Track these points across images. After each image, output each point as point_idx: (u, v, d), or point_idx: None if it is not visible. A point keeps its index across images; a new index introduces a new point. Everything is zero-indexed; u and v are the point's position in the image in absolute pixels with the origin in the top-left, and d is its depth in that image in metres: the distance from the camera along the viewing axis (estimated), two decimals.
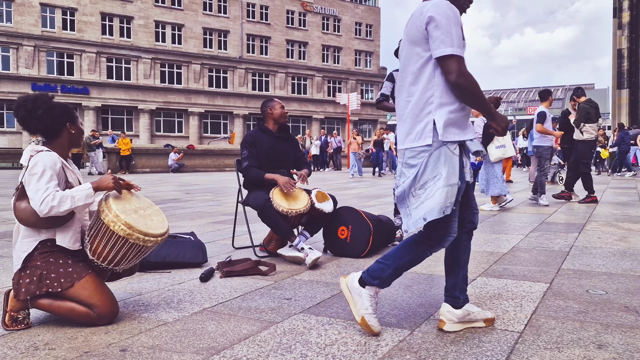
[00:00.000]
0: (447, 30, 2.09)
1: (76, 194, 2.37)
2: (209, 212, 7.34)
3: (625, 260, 3.82)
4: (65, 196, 2.34)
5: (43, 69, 34.68)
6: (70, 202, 2.35)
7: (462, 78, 2.10)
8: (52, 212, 2.33)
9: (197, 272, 3.52)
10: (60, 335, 2.32)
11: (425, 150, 2.19)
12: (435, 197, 2.13)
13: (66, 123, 2.56)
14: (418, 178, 2.20)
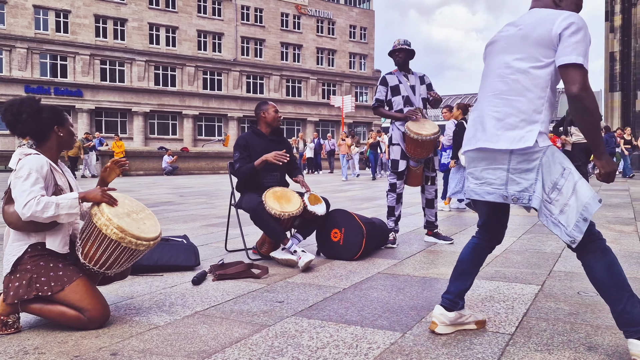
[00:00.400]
0: (583, 40, 2.00)
1: (61, 202, 2.36)
2: (203, 214, 7.33)
3: None
4: (50, 202, 2.32)
5: (36, 71, 34.53)
6: (55, 209, 2.32)
7: (584, 92, 1.96)
8: (34, 218, 2.31)
9: (189, 275, 3.51)
10: (51, 340, 2.30)
11: (538, 150, 2.05)
12: (582, 191, 1.97)
13: (54, 126, 2.54)
14: (544, 182, 2.04)
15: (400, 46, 4.68)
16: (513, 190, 2.10)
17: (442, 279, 3.37)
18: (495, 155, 2.14)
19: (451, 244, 4.67)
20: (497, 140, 2.12)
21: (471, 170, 2.26)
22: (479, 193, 2.20)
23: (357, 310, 2.72)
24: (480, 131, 2.21)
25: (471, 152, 2.26)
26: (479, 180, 2.20)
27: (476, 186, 2.21)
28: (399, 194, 4.70)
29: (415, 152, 4.47)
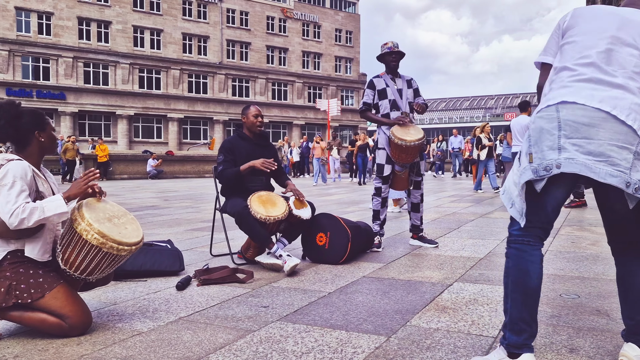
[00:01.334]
0: None
1: (46, 205, 2.32)
2: (188, 219, 7.28)
3: (597, 264, 3.90)
4: (34, 207, 2.29)
5: (18, 73, 34.05)
6: (39, 213, 2.29)
7: None
8: (23, 225, 2.28)
9: (173, 281, 3.48)
10: (31, 347, 2.27)
11: None
12: None
13: (34, 131, 2.50)
14: None
15: (395, 49, 4.67)
16: (636, 177, 1.72)
17: (427, 282, 3.39)
18: (627, 131, 1.72)
19: (436, 247, 4.69)
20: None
21: (579, 142, 1.72)
22: (595, 171, 1.70)
23: (342, 314, 2.72)
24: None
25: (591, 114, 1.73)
26: (598, 156, 1.70)
27: (590, 160, 1.71)
28: (384, 198, 4.71)
29: (400, 157, 4.48)
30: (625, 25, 1.85)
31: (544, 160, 1.76)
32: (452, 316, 2.66)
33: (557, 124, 1.75)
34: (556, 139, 1.74)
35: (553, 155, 1.74)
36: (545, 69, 2.00)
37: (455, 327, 2.48)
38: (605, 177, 1.69)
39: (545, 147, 1.76)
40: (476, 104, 66.53)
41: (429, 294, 3.11)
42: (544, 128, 1.78)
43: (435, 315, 2.68)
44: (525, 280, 1.83)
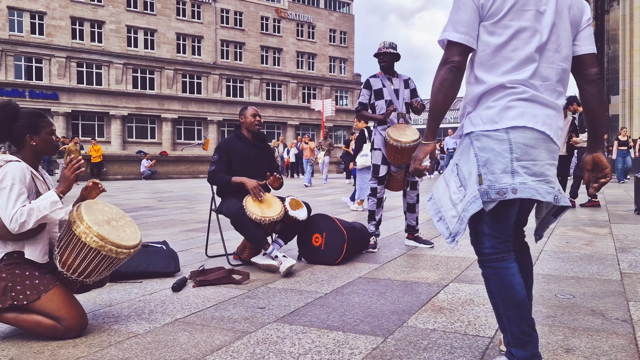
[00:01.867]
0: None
1: (40, 203, 2.31)
2: (182, 219, 7.26)
3: (592, 264, 3.92)
4: (31, 209, 2.28)
5: (10, 73, 33.84)
6: (36, 213, 2.28)
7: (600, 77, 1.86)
8: (24, 228, 2.27)
9: (169, 282, 3.47)
10: (26, 350, 2.25)
11: None
12: None
13: (26, 135, 2.46)
14: None
15: (385, 49, 4.67)
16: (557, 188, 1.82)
17: (423, 283, 3.39)
18: (556, 149, 1.84)
19: (432, 248, 4.70)
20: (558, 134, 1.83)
21: (526, 164, 1.75)
22: (540, 192, 1.75)
23: (339, 315, 2.72)
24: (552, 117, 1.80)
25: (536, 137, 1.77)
26: (539, 177, 1.77)
27: (535, 183, 1.75)
28: (379, 199, 4.72)
29: (396, 159, 4.48)
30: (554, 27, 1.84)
31: (496, 184, 1.74)
32: (448, 317, 2.67)
33: (508, 147, 1.75)
34: (509, 162, 1.74)
35: (507, 180, 1.74)
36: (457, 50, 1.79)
37: (451, 328, 2.49)
38: (545, 195, 1.76)
39: (497, 169, 1.74)
40: None
41: (425, 294, 3.12)
42: (495, 149, 1.75)
43: (432, 316, 2.68)
44: (514, 295, 1.80)
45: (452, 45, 1.79)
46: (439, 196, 1.89)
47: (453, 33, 1.78)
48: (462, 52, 1.79)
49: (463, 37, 1.77)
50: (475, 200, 1.75)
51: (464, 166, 1.82)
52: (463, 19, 1.78)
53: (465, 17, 1.78)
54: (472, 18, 1.78)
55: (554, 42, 1.80)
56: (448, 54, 1.79)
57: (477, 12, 1.78)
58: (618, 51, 25.09)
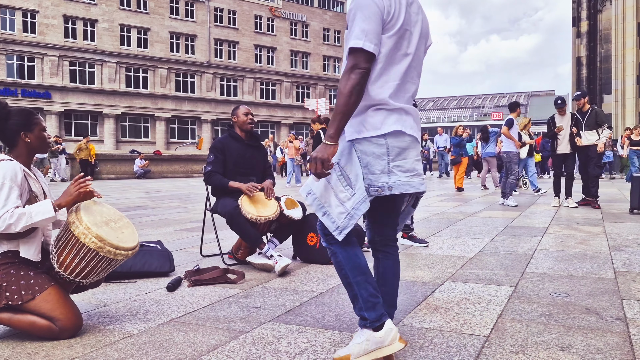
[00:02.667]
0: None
1: (34, 210, 2.29)
2: (177, 219, 7.24)
3: (586, 263, 3.94)
4: (22, 213, 2.26)
5: (2, 72, 33.61)
6: (26, 219, 2.26)
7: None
8: (10, 230, 2.26)
9: (164, 282, 3.46)
10: (20, 350, 2.24)
11: None
12: None
13: (20, 132, 2.46)
14: None
15: None
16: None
17: (418, 282, 3.40)
18: (419, 147, 2.12)
19: (426, 247, 4.71)
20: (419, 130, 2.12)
21: (400, 163, 2.00)
22: (413, 185, 2.02)
23: (335, 314, 2.72)
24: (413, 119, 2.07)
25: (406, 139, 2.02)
26: (411, 172, 2.02)
27: (409, 179, 2.01)
28: None
29: None
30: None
31: (375, 183, 1.96)
32: (443, 316, 2.68)
33: (386, 150, 1.97)
34: (386, 163, 1.97)
35: (385, 179, 1.97)
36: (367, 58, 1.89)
37: (447, 327, 2.49)
38: (419, 187, 2.04)
39: (377, 170, 1.96)
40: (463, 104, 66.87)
41: (420, 293, 3.13)
42: (375, 153, 1.96)
43: (427, 315, 2.69)
44: (358, 262, 2.03)
45: (363, 53, 1.88)
46: (321, 193, 2.05)
47: (368, 43, 1.88)
48: (370, 59, 1.90)
49: (375, 47, 1.89)
50: (365, 201, 1.95)
51: (350, 168, 1.99)
52: (374, 30, 1.89)
53: (376, 27, 1.89)
54: (379, 29, 1.91)
55: (416, 60, 2.05)
56: (358, 60, 1.88)
57: (382, 24, 1.91)
58: (611, 50, 25.24)
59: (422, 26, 2.05)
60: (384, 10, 1.90)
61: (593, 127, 7.95)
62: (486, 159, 12.50)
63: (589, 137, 7.97)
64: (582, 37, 27.01)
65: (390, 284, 2.19)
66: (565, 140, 8.08)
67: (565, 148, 8.09)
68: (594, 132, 7.96)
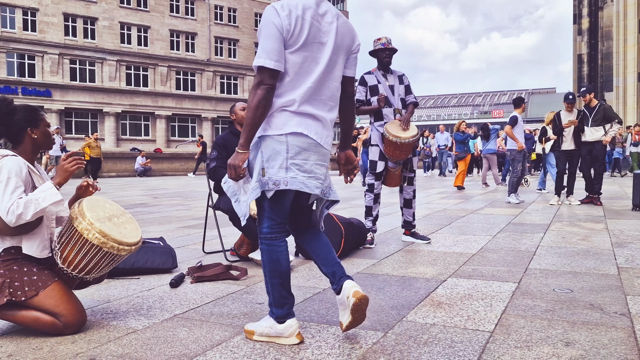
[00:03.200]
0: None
1: (39, 196, 2.28)
2: (178, 216, 7.23)
3: (589, 259, 3.94)
4: (29, 201, 2.25)
5: (3, 70, 33.59)
6: (35, 205, 2.26)
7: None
8: (21, 220, 2.25)
9: (166, 278, 3.46)
10: (25, 346, 2.24)
11: None
12: None
13: (27, 128, 2.46)
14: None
15: (389, 45, 4.66)
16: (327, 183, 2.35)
17: (421, 278, 3.40)
18: (326, 153, 2.30)
19: (428, 244, 4.71)
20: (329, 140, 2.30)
21: (299, 162, 2.18)
22: (308, 186, 2.19)
23: (338, 310, 2.71)
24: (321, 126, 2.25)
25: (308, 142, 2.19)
26: (310, 173, 2.21)
27: (305, 179, 2.19)
28: (376, 194, 4.72)
29: (394, 154, 4.49)
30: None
31: (274, 176, 2.15)
32: (447, 311, 2.67)
33: (285, 147, 2.15)
34: (285, 160, 2.15)
35: (282, 174, 2.16)
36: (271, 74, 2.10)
37: (451, 322, 2.49)
38: (314, 189, 2.21)
39: (276, 165, 2.16)
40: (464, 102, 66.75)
41: (423, 289, 3.12)
42: (275, 149, 2.16)
43: (431, 311, 2.68)
44: (279, 267, 2.24)
45: (266, 70, 2.10)
46: (235, 183, 2.28)
47: (268, 61, 2.09)
48: (274, 76, 2.11)
49: (276, 64, 2.10)
50: (254, 190, 2.17)
51: (256, 162, 2.21)
52: (274, 48, 2.10)
53: (276, 46, 2.10)
54: (280, 47, 2.11)
55: (331, 67, 2.22)
56: (263, 76, 2.10)
57: (282, 41, 2.11)
58: (612, 48, 25.20)
59: (337, 33, 2.23)
60: (283, 29, 2.10)
61: (600, 123, 7.86)
62: (486, 157, 12.46)
63: (595, 132, 7.88)
64: (583, 34, 26.97)
65: (325, 256, 2.36)
66: (569, 137, 8.01)
67: (570, 145, 8.03)
68: (600, 128, 7.87)
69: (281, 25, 2.10)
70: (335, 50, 2.23)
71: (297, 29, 2.12)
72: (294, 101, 2.16)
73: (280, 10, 2.11)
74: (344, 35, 2.27)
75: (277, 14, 2.11)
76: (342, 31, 2.26)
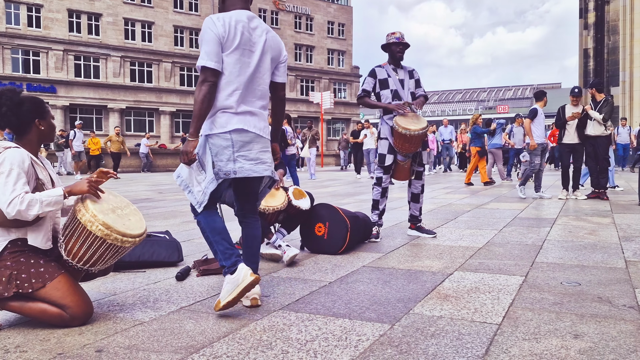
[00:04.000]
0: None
1: (45, 199, 2.29)
2: (183, 211, 7.24)
3: (596, 252, 3.91)
4: (34, 200, 2.25)
5: (8, 67, 33.67)
6: (39, 207, 2.26)
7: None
8: (20, 216, 2.25)
9: (172, 271, 3.46)
10: (32, 337, 2.24)
11: None
12: None
13: (34, 119, 2.47)
14: None
15: (403, 40, 4.65)
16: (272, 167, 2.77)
17: (427, 272, 3.39)
18: (267, 141, 2.73)
19: (434, 237, 4.69)
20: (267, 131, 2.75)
21: (244, 153, 2.60)
22: (257, 171, 2.64)
23: (344, 303, 2.71)
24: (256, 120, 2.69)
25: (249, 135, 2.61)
26: (256, 160, 2.64)
27: (252, 165, 2.62)
28: (384, 188, 4.70)
29: (404, 147, 4.47)
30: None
31: (224, 168, 2.57)
32: (454, 304, 2.66)
33: (231, 143, 2.56)
34: (231, 153, 2.57)
35: (231, 165, 2.57)
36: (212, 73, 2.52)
37: (458, 315, 2.48)
38: (262, 172, 2.66)
39: (224, 159, 2.56)
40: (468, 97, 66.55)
41: (430, 282, 3.11)
42: (222, 145, 2.56)
43: (438, 304, 2.67)
44: (215, 225, 2.62)
45: (208, 70, 2.52)
46: (186, 176, 2.68)
47: (209, 62, 2.52)
48: (215, 74, 2.54)
49: (216, 64, 2.52)
50: (212, 181, 2.57)
51: (204, 157, 2.60)
52: (214, 51, 2.52)
53: (215, 49, 2.52)
54: (218, 50, 2.54)
55: (259, 70, 2.66)
56: (206, 75, 2.52)
57: (220, 45, 2.54)
58: (618, 42, 25.02)
59: (265, 45, 2.69)
60: (219, 35, 2.53)
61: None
62: (492, 151, 12.40)
63: (596, 127, 7.84)
64: (589, 28, 26.79)
65: (250, 245, 2.84)
66: (573, 130, 7.96)
67: (573, 138, 7.97)
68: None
69: (218, 33, 2.53)
70: (263, 57, 2.67)
71: (231, 35, 2.56)
72: (233, 102, 2.57)
73: (216, 20, 2.56)
74: (272, 47, 2.73)
75: (214, 23, 2.55)
76: (270, 44, 2.71)
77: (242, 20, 2.62)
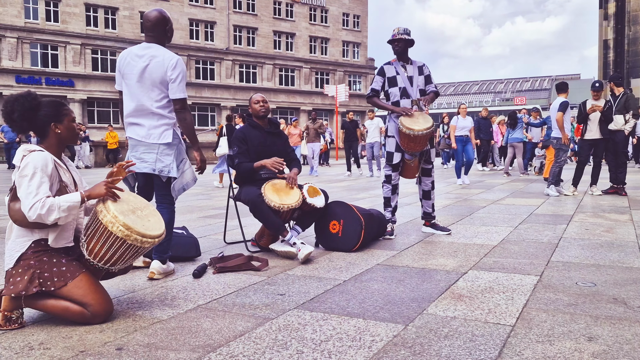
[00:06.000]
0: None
1: (63, 204, 2.35)
2: (199, 206, 7.32)
3: (612, 251, 3.89)
4: (54, 205, 2.32)
5: (27, 61, 34.13)
6: (58, 212, 2.33)
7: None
8: (40, 220, 2.32)
9: (190, 268, 3.52)
10: (55, 335, 2.31)
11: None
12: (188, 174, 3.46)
13: (50, 123, 2.51)
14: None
15: (399, 35, 4.63)
16: (159, 166, 3.29)
17: (441, 270, 3.40)
18: (150, 144, 3.29)
19: (449, 235, 4.70)
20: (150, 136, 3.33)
21: (133, 153, 3.33)
22: (139, 167, 3.26)
23: (359, 302, 2.74)
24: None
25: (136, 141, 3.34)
26: (140, 160, 3.28)
27: (138, 162, 3.27)
28: (394, 185, 4.71)
29: (409, 147, 4.47)
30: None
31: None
32: (468, 304, 2.67)
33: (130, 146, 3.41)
34: (129, 153, 3.37)
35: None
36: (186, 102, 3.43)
37: (472, 316, 2.49)
38: (142, 169, 3.29)
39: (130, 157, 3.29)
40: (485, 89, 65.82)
41: (444, 282, 3.13)
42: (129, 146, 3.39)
43: (452, 304, 2.69)
44: None
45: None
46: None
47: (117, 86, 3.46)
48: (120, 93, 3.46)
49: (117, 86, 3.48)
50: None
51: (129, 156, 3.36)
52: (117, 77, 3.44)
53: (118, 77, 3.43)
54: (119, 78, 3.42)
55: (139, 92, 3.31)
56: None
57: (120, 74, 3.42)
58: (639, 33, 24.52)
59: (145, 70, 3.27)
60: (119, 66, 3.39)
61: (621, 112, 7.73)
62: (512, 145, 12.27)
63: (618, 121, 7.72)
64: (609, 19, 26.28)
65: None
66: (595, 125, 7.81)
67: (596, 134, 7.83)
68: (621, 116, 7.74)
69: (119, 64, 3.36)
70: (140, 80, 3.27)
71: (122, 66, 3.33)
72: (125, 117, 3.39)
73: (120, 55, 3.36)
74: (153, 71, 3.25)
75: (120, 57, 3.36)
76: (151, 69, 3.25)
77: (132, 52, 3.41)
